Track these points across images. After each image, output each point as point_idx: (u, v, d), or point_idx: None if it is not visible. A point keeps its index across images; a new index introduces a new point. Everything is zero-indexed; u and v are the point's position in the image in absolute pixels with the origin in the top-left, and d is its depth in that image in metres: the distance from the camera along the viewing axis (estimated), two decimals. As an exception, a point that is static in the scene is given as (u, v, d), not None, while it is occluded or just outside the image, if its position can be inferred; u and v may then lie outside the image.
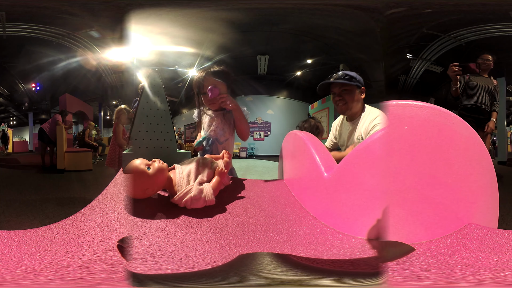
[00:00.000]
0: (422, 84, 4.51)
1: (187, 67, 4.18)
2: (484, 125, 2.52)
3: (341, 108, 1.33)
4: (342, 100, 1.31)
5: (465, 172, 0.60)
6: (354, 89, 1.30)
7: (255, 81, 5.13)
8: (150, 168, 0.71)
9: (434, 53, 4.19)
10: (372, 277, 0.44)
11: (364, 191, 0.62)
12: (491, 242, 0.52)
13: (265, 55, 4.49)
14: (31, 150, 5.81)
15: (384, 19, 1.88)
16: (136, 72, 0.70)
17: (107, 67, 4.58)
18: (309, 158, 0.83)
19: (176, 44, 0.74)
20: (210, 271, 0.45)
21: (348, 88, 1.29)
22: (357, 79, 1.30)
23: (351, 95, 1.29)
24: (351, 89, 1.29)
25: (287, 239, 0.60)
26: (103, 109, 6.00)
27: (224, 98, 1.13)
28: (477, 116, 2.54)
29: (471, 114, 2.54)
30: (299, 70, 5.07)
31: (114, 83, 4.91)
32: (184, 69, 4.27)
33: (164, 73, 3.99)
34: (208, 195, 0.73)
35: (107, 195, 0.77)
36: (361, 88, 1.32)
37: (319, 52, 4.34)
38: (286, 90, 5.95)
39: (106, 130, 6.05)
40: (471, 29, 3.75)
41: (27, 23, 3.82)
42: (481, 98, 2.55)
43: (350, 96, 1.29)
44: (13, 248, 0.50)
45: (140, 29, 0.64)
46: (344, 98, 1.30)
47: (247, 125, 1.24)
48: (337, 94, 1.32)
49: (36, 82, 4.99)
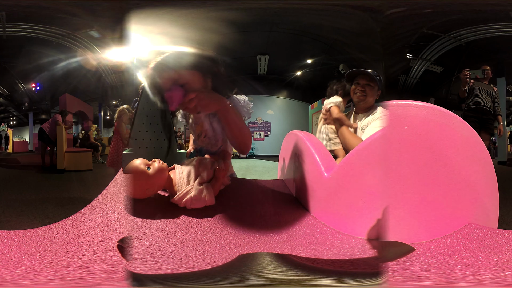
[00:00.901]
0: (422, 84, 4.51)
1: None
2: (487, 124, 2.81)
3: (359, 97, 1.44)
4: (363, 92, 1.42)
5: (465, 172, 0.60)
6: (376, 87, 1.43)
7: (255, 81, 5.13)
8: (150, 168, 0.71)
9: (434, 53, 4.19)
10: (372, 277, 0.44)
11: (364, 191, 0.62)
12: (491, 242, 0.52)
13: (265, 55, 4.49)
14: (31, 150, 5.81)
15: (384, 19, 1.88)
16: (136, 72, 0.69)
17: (107, 67, 4.58)
18: (309, 158, 0.83)
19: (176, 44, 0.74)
20: (210, 271, 0.45)
21: (373, 84, 1.42)
22: (381, 81, 1.44)
23: (372, 91, 1.42)
24: (374, 86, 1.42)
25: (287, 239, 0.60)
26: (103, 109, 5.99)
27: (192, 100, 0.71)
28: (480, 116, 2.81)
29: (474, 115, 2.81)
30: (299, 70, 5.07)
31: (114, 83, 4.91)
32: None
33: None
34: (208, 195, 0.73)
35: (107, 195, 0.77)
36: (379, 91, 1.45)
37: (319, 52, 4.34)
38: (286, 90, 5.95)
39: (106, 130, 6.04)
40: (471, 29, 3.75)
41: (27, 23, 3.82)
42: (483, 100, 2.84)
43: (372, 91, 1.42)
44: (13, 248, 0.50)
45: (140, 29, 0.64)
46: (366, 91, 1.42)
47: (243, 132, 0.83)
48: (360, 85, 1.43)
49: (36, 82, 4.99)
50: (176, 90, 0.71)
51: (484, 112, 2.81)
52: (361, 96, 1.43)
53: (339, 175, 0.69)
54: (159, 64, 0.73)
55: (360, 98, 1.44)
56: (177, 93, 0.71)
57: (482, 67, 2.92)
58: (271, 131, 6.21)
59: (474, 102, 2.84)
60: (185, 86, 0.73)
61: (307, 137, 0.95)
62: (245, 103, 0.87)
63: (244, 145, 0.85)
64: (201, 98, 0.72)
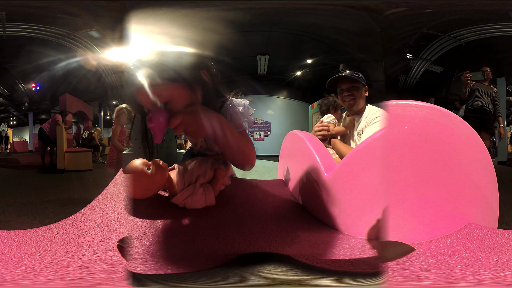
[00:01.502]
0: (422, 84, 4.51)
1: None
2: (487, 124, 2.85)
3: (349, 103, 1.41)
4: (351, 96, 1.39)
5: (465, 172, 0.60)
6: (362, 86, 1.39)
7: (255, 81, 5.12)
8: (150, 168, 0.71)
9: (434, 53, 4.19)
10: (372, 277, 0.44)
11: (364, 191, 0.62)
12: (491, 242, 0.52)
13: (265, 55, 4.49)
14: (31, 150, 5.81)
15: (384, 19, 1.88)
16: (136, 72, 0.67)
17: (107, 67, 4.58)
18: (309, 158, 0.83)
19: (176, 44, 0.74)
20: (210, 271, 0.45)
21: (357, 85, 1.38)
22: (363, 78, 1.41)
23: (359, 92, 1.39)
24: (359, 86, 1.38)
25: (287, 239, 0.60)
26: (103, 109, 5.99)
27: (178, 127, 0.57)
28: (480, 116, 2.85)
29: (475, 115, 2.86)
30: (299, 70, 5.07)
31: (114, 83, 4.91)
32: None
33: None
34: (208, 195, 0.73)
35: (107, 195, 0.77)
36: (365, 87, 1.42)
37: (319, 52, 4.34)
38: (286, 90, 5.95)
39: (106, 130, 6.04)
40: (471, 29, 3.75)
41: (27, 23, 3.82)
42: (484, 101, 2.89)
43: (359, 92, 1.38)
44: (13, 248, 0.50)
45: (140, 29, 0.63)
46: (353, 94, 1.38)
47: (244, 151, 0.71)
48: (345, 90, 1.40)
49: (36, 82, 4.99)
50: (157, 115, 0.57)
51: (484, 112, 2.85)
52: (351, 101, 1.39)
53: (339, 175, 0.69)
54: (134, 80, 0.58)
55: (350, 103, 1.40)
56: (159, 119, 0.57)
57: (482, 69, 2.96)
58: (271, 131, 6.20)
59: (474, 103, 2.88)
60: (169, 105, 0.60)
61: (307, 137, 0.95)
62: (245, 109, 0.75)
63: (247, 164, 0.73)
64: (188, 124, 0.57)
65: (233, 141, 0.66)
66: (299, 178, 0.93)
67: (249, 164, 0.74)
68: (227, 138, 0.64)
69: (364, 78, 1.42)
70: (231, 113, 0.73)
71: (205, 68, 0.70)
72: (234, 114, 0.74)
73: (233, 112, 0.74)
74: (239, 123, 0.74)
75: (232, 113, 0.73)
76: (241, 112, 0.74)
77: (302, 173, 0.90)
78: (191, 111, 0.58)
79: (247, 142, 0.72)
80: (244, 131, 0.75)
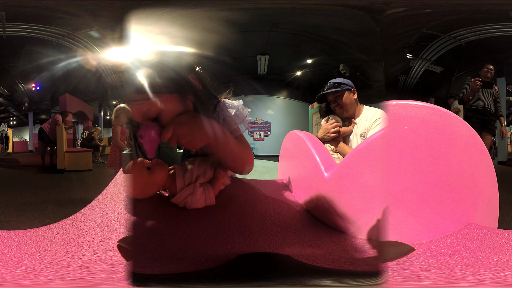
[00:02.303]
0: (422, 84, 4.51)
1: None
2: (489, 125, 2.82)
3: (338, 111, 1.50)
4: (338, 105, 1.48)
5: (465, 172, 0.60)
6: (344, 92, 1.46)
7: (255, 81, 5.12)
8: (150, 168, 0.71)
9: (434, 53, 4.20)
10: (372, 277, 0.44)
11: (364, 191, 0.62)
12: (491, 242, 0.52)
13: (265, 55, 4.49)
14: (31, 150, 5.82)
15: (384, 19, 1.88)
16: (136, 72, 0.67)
17: (107, 67, 4.59)
18: (309, 158, 0.83)
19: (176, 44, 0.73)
20: (210, 271, 0.45)
21: (339, 93, 1.46)
22: (345, 83, 1.47)
23: (345, 99, 1.46)
24: (341, 93, 1.46)
25: (287, 239, 0.60)
26: (103, 109, 6.00)
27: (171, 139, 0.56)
28: (482, 117, 2.83)
29: (476, 115, 2.83)
30: (299, 70, 5.07)
31: (114, 83, 4.91)
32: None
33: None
34: (208, 195, 0.73)
35: (107, 195, 0.77)
36: (352, 90, 1.47)
37: (319, 52, 4.34)
38: (286, 90, 5.95)
39: (106, 130, 6.05)
40: (471, 29, 3.75)
41: (27, 23, 3.83)
42: (486, 101, 2.85)
43: (344, 100, 1.46)
44: (13, 248, 0.50)
45: (140, 29, 0.63)
46: (338, 103, 1.47)
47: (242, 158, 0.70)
48: (332, 101, 1.49)
49: (36, 82, 5.00)
50: (148, 130, 0.55)
51: (486, 114, 2.82)
52: (339, 110, 1.48)
53: (339, 175, 0.69)
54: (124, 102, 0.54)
55: (339, 112, 1.49)
56: (151, 134, 0.55)
57: (486, 66, 2.93)
58: (271, 131, 6.21)
59: (476, 103, 2.85)
60: (159, 116, 0.58)
61: (307, 137, 0.95)
62: (239, 111, 0.71)
63: (244, 170, 0.72)
64: (181, 135, 0.55)
65: (229, 149, 0.64)
66: (299, 178, 0.93)
67: (246, 170, 0.72)
68: (222, 146, 0.62)
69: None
70: (224, 117, 0.70)
71: (193, 71, 0.66)
72: (228, 118, 0.70)
73: (226, 115, 0.71)
74: (234, 128, 0.71)
75: (225, 117, 0.70)
76: (236, 114, 0.71)
77: (302, 173, 0.90)
78: (180, 121, 0.56)
79: (244, 148, 0.70)
80: (240, 136, 0.72)
